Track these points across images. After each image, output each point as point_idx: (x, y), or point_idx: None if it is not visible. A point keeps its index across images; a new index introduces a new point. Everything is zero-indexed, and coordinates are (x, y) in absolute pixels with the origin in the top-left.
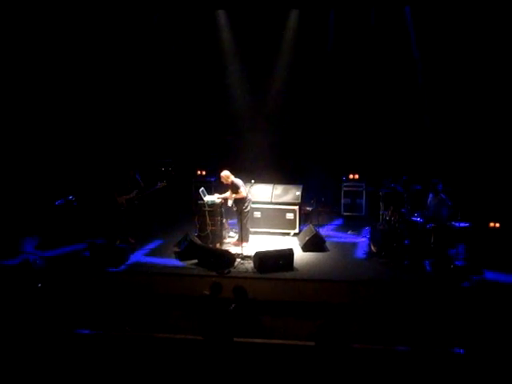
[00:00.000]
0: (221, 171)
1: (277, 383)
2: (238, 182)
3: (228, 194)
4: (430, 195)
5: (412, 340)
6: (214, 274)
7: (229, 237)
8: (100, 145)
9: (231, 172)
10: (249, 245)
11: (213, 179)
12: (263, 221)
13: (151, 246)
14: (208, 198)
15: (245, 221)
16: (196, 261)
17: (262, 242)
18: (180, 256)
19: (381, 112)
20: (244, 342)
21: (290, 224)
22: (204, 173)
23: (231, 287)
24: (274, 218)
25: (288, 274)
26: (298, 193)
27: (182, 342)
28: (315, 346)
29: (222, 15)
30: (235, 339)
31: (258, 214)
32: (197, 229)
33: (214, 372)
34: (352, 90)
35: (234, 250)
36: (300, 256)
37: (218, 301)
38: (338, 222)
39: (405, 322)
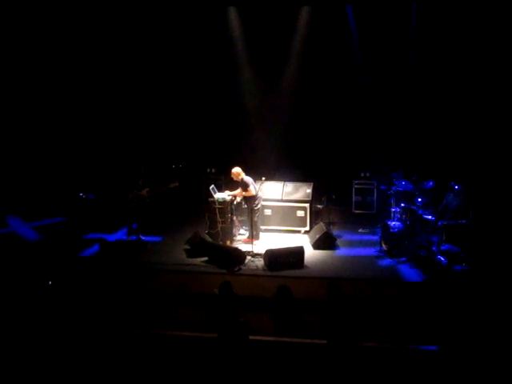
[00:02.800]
0: (231, 168)
1: (288, 381)
2: (248, 179)
3: (238, 191)
4: (450, 194)
5: (424, 338)
6: (224, 271)
7: (239, 234)
8: (112, 142)
9: (242, 169)
10: (259, 242)
11: (223, 176)
12: (274, 218)
13: (162, 242)
14: (218, 196)
15: (255, 218)
16: (206, 258)
17: (273, 239)
18: (190, 253)
19: (391, 109)
20: (256, 340)
21: (301, 221)
22: (214, 170)
23: (242, 284)
24: (285, 216)
25: (298, 272)
26: (309, 190)
27: (192, 339)
28: (327, 344)
29: (232, 12)
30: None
31: (268, 212)
32: (207, 226)
33: (224, 370)
34: (363, 87)
35: (244, 247)
36: (311, 254)
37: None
38: (349, 219)
39: (415, 321)
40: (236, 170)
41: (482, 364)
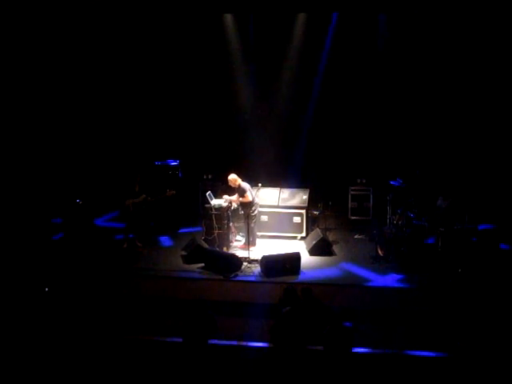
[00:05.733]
0: (228, 175)
1: None
2: (246, 186)
3: (235, 197)
4: (439, 200)
5: (419, 344)
6: (220, 277)
7: (236, 240)
8: (109, 149)
9: (238, 175)
10: (256, 248)
11: (220, 183)
12: (270, 224)
13: (158, 249)
14: (215, 202)
15: (252, 224)
16: (203, 264)
17: (269, 245)
18: (187, 259)
19: (388, 115)
20: (254, 347)
21: (297, 228)
22: (210, 176)
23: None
24: (281, 222)
25: (294, 278)
26: (305, 196)
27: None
28: (323, 351)
29: (229, 18)
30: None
31: (265, 218)
32: (203, 232)
33: (213, 375)
34: (360, 93)
35: (240, 253)
36: (307, 260)
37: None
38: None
39: (410, 326)
40: (233, 176)
41: (479, 369)
